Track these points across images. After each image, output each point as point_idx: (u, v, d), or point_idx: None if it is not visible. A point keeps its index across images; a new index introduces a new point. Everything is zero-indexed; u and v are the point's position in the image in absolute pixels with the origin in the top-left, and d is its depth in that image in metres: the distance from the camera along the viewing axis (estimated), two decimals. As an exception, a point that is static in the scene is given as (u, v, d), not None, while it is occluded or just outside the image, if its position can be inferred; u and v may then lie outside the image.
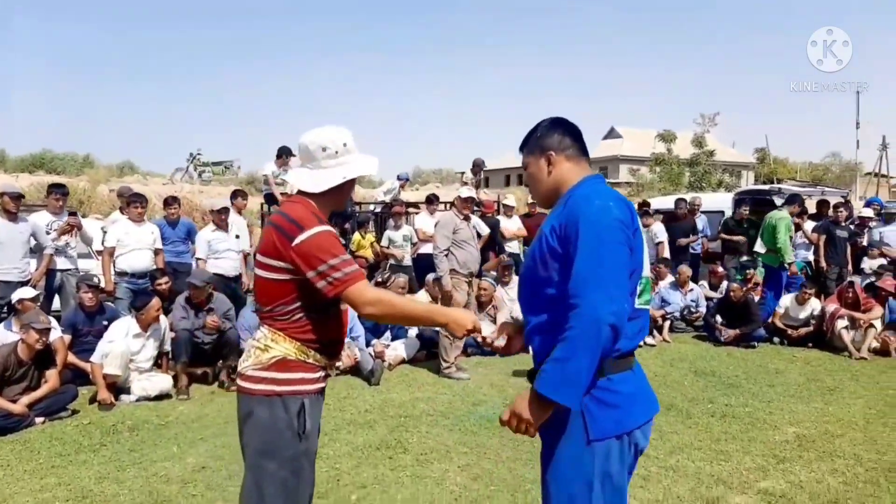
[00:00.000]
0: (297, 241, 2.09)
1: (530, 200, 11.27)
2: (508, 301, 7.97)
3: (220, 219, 7.42)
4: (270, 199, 10.20)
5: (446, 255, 6.42)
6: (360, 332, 6.92)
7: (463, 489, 3.95)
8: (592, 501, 1.89)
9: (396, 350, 7.08)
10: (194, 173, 22.73)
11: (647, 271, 2.01)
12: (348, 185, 2.30)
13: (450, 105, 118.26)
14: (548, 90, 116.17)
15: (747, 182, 42.73)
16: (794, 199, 9.46)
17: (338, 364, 6.52)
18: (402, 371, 6.87)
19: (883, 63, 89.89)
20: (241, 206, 8.57)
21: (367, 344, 6.93)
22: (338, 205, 2.35)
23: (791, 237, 9.16)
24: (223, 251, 7.35)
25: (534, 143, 2.16)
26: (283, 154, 9.78)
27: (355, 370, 6.54)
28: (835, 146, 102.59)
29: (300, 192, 2.27)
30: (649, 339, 8.27)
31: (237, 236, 7.60)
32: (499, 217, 10.40)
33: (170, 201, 8.42)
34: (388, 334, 7.30)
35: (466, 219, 6.61)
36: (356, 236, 9.08)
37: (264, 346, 2.19)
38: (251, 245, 8.17)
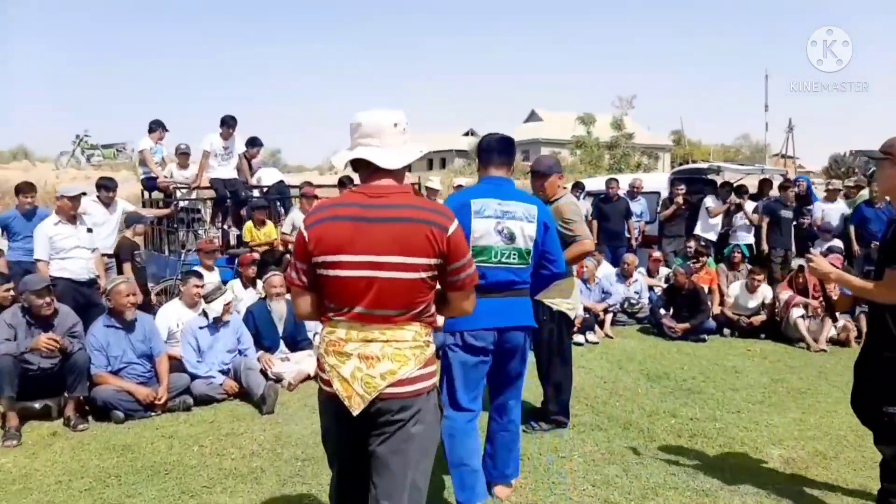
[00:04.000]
0: (451, 230, 2.10)
1: (456, 183, 10.18)
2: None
3: (68, 208, 5.92)
4: (151, 183, 8.67)
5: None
6: (249, 342, 5.64)
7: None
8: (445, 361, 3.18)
9: (299, 364, 5.80)
10: (82, 157, 20.50)
11: (485, 241, 3.11)
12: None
13: (367, 84, 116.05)
14: (468, 73, 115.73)
15: (664, 165, 43.30)
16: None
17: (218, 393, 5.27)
18: (306, 391, 5.49)
19: (787, 49, 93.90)
20: (109, 200, 7.10)
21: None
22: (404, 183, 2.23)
23: None
24: (70, 249, 5.87)
25: None
26: (158, 128, 8.31)
27: (244, 394, 5.28)
28: (745, 128, 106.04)
29: (378, 170, 2.12)
30: (591, 336, 7.35)
31: (89, 230, 6.13)
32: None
33: (24, 188, 6.96)
34: (282, 345, 6.01)
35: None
36: (249, 224, 7.73)
37: (425, 343, 2.17)
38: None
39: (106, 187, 7.20)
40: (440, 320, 3.15)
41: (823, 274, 3.13)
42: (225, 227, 8.45)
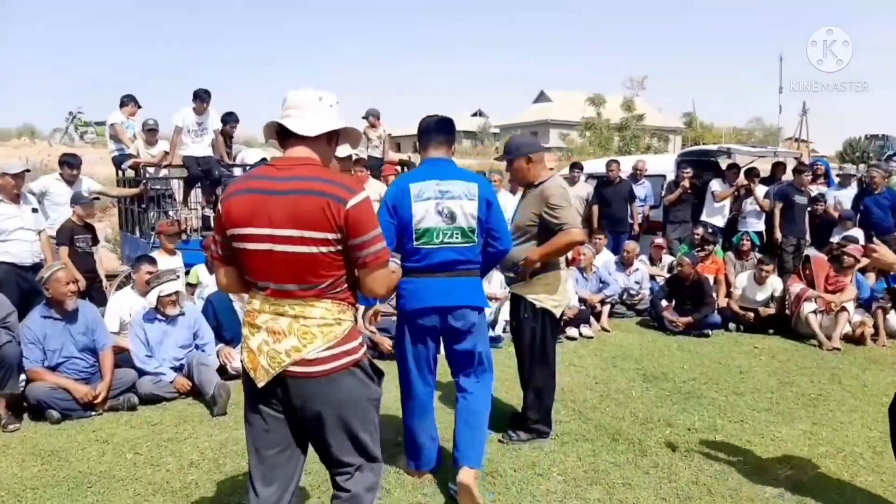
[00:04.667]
0: (350, 204, 2.01)
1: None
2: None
3: (11, 186, 5.43)
4: (122, 159, 8.16)
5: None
6: (208, 337, 5.16)
7: None
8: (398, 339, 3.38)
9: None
10: (75, 134, 20.09)
11: (426, 224, 3.11)
12: (334, 144, 2.22)
13: (370, 68, 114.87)
14: (476, 53, 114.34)
15: (675, 147, 42.42)
16: None
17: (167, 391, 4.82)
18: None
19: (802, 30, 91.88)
20: (72, 178, 6.63)
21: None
22: (328, 160, 2.20)
23: None
24: (12, 231, 5.39)
25: None
26: (130, 102, 7.80)
27: (197, 393, 4.82)
28: (757, 111, 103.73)
29: (295, 137, 2.11)
30: (586, 330, 6.84)
31: (34, 210, 5.65)
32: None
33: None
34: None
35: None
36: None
37: (335, 321, 2.11)
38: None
39: (69, 164, 6.72)
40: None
41: (888, 265, 2.91)
42: (200, 207, 7.96)
